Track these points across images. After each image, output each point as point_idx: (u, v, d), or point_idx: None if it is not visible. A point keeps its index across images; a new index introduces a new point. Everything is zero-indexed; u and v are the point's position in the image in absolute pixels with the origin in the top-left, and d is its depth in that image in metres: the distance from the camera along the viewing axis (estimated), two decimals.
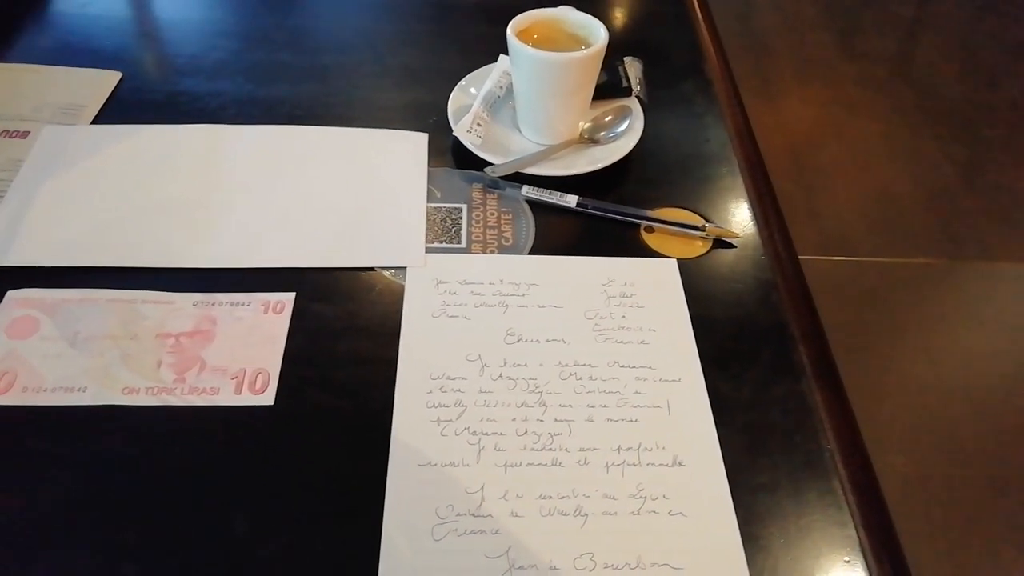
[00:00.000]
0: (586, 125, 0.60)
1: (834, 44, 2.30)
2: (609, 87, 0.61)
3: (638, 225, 0.55)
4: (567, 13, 0.57)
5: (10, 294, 0.48)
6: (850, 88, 2.13)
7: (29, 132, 0.58)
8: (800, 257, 0.55)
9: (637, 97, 0.62)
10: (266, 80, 0.65)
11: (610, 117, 0.60)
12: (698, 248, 0.54)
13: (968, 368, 1.44)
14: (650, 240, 0.54)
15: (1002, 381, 1.41)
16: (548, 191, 0.56)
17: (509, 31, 0.54)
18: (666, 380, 0.46)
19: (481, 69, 0.64)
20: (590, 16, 0.56)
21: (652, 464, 0.43)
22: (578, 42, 0.56)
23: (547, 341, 0.48)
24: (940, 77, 2.17)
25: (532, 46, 0.53)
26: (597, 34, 0.55)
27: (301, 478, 0.41)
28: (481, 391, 0.45)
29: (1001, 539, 1.20)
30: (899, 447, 1.32)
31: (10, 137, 0.58)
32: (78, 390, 0.44)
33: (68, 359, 0.45)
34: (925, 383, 1.41)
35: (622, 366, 0.47)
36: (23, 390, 0.44)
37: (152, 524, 0.39)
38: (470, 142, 0.57)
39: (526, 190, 0.56)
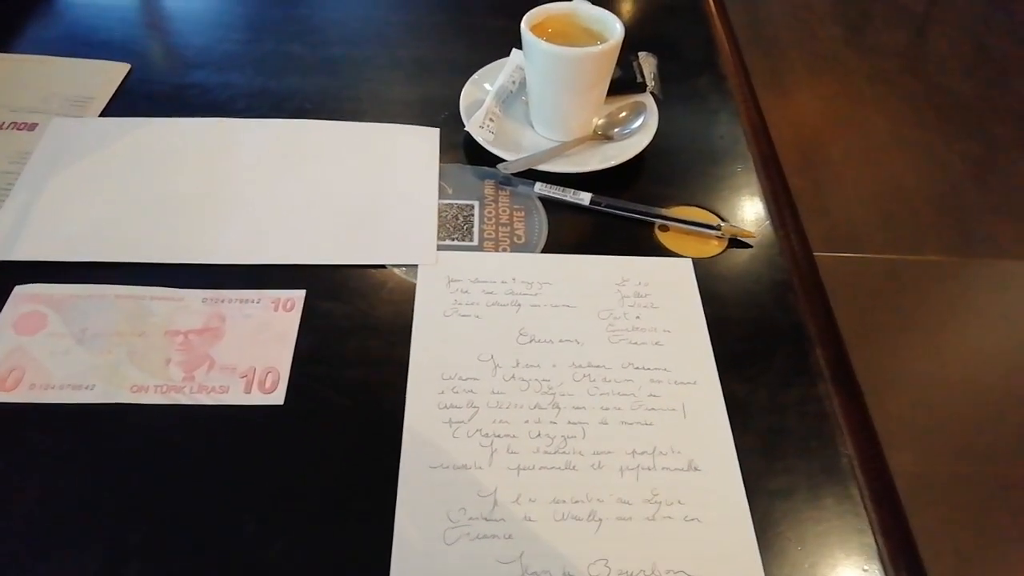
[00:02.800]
0: (600, 121, 0.59)
1: (844, 38, 2.28)
2: (623, 83, 0.60)
3: (652, 224, 0.54)
4: (582, 7, 0.56)
5: (17, 289, 0.47)
6: (860, 83, 2.11)
7: (37, 124, 0.57)
8: None
9: (651, 93, 0.61)
10: (276, 72, 0.64)
11: (624, 113, 0.59)
12: (713, 247, 0.53)
13: (977, 366, 1.43)
14: (665, 239, 0.54)
15: (1011, 379, 1.41)
16: (561, 188, 0.55)
17: (523, 25, 0.53)
18: (681, 382, 0.46)
19: (494, 63, 0.63)
20: (605, 10, 0.56)
21: (667, 468, 0.42)
22: (593, 37, 0.55)
23: (560, 341, 0.47)
24: (951, 73, 2.15)
25: (546, 40, 0.52)
26: (612, 29, 0.54)
27: (311, 479, 0.40)
28: (494, 392, 0.45)
29: (1007, 537, 1.20)
30: (907, 444, 1.31)
31: (18, 129, 0.57)
32: (86, 388, 0.43)
33: (76, 356, 0.45)
34: (933, 380, 1.40)
35: (636, 368, 0.46)
36: (31, 387, 0.43)
37: (160, 524, 0.38)
38: (482, 138, 0.56)
39: (539, 187, 0.55)
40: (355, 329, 0.47)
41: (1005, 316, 1.52)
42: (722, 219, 0.55)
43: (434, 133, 0.59)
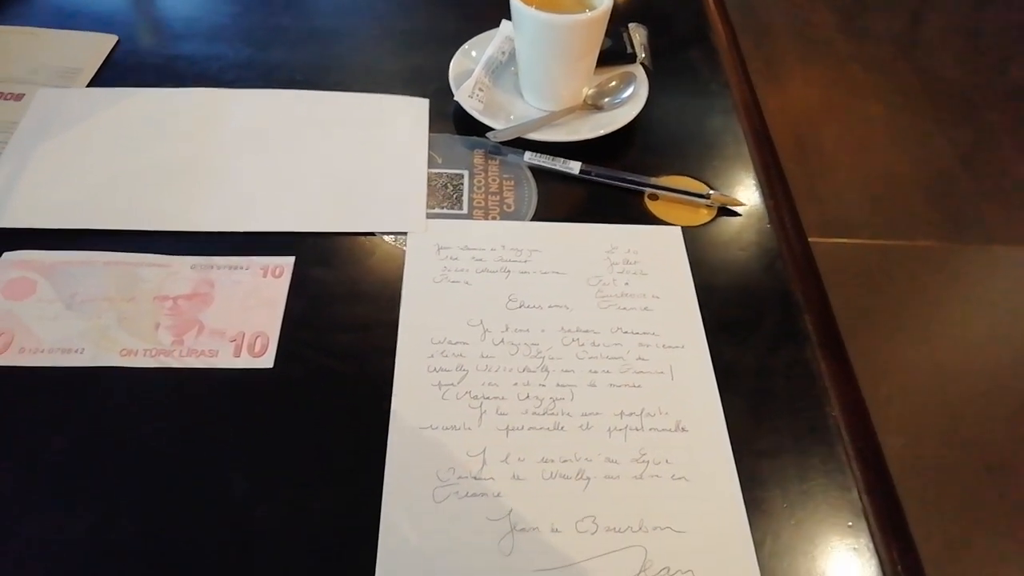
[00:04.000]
0: (590, 91, 0.59)
1: (837, 25, 2.28)
2: (613, 53, 0.60)
3: (642, 192, 0.55)
4: None
5: (6, 255, 0.47)
6: (853, 70, 2.11)
7: (24, 95, 0.57)
8: None
9: (642, 64, 0.61)
10: (265, 44, 0.64)
11: (614, 83, 0.59)
12: (703, 216, 0.53)
13: (966, 351, 1.44)
14: (654, 208, 0.54)
15: (1000, 365, 1.41)
16: (551, 157, 0.55)
17: None
18: (669, 346, 0.46)
19: (483, 34, 0.63)
20: None
21: (655, 429, 0.42)
22: (582, 5, 0.55)
23: (549, 307, 0.48)
24: (944, 60, 2.15)
25: (536, 8, 0.52)
26: None
27: (301, 440, 0.41)
28: (483, 356, 0.45)
29: (994, 521, 1.21)
30: (896, 428, 1.32)
31: (4, 99, 0.57)
32: (76, 351, 0.43)
33: (65, 321, 0.45)
34: (923, 366, 1.41)
35: (625, 332, 0.47)
36: (20, 351, 0.43)
37: (150, 484, 0.39)
38: (472, 107, 0.56)
39: (528, 156, 0.55)
40: (345, 295, 0.47)
41: (994, 302, 1.53)
42: (711, 188, 0.55)
43: (423, 103, 0.59)
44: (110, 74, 0.60)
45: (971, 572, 1.16)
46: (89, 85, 0.59)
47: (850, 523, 0.39)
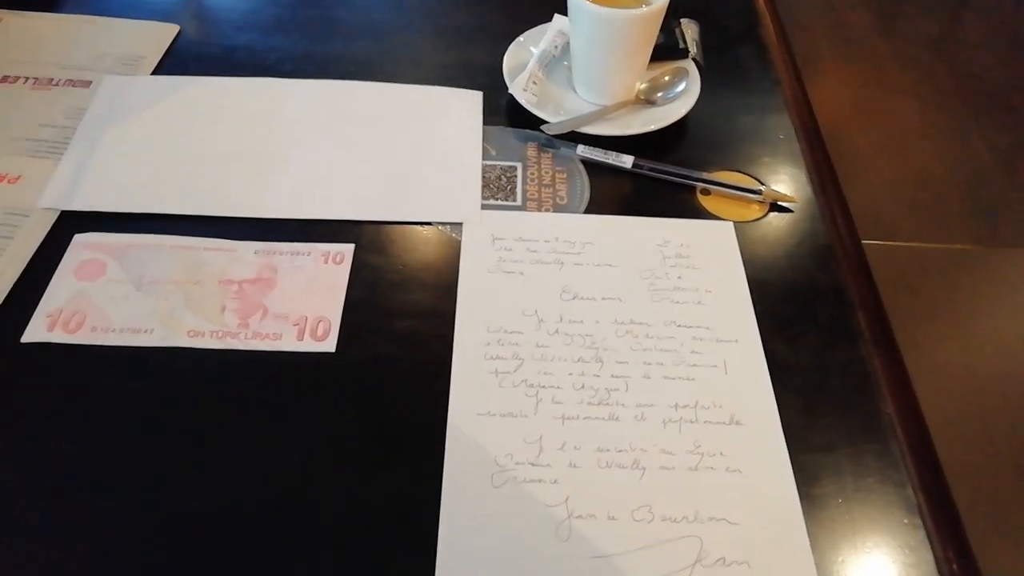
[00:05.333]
0: (642, 86, 0.59)
1: (874, 24, 2.25)
2: (665, 49, 0.61)
3: (694, 187, 0.55)
4: None
5: (77, 237, 0.49)
6: (889, 69, 2.09)
7: (91, 82, 0.59)
8: None
9: (694, 59, 0.61)
10: (321, 37, 0.65)
11: (667, 78, 0.59)
12: (754, 212, 0.54)
13: (1000, 356, 1.42)
14: (706, 203, 0.54)
15: None
16: (603, 151, 0.55)
17: None
18: (723, 340, 0.46)
19: (536, 28, 0.63)
20: None
21: (709, 422, 0.43)
22: (638, 0, 0.55)
23: (603, 299, 0.48)
24: (981, 60, 2.12)
25: (593, 3, 0.53)
26: None
27: (363, 422, 0.42)
28: (538, 345, 0.46)
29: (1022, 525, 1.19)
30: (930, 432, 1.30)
31: (73, 86, 0.58)
32: (145, 331, 0.45)
33: (134, 302, 0.46)
34: (957, 370, 1.39)
35: (678, 325, 0.47)
36: (92, 330, 0.45)
37: (216, 460, 0.40)
38: (525, 100, 0.57)
39: (581, 149, 0.56)
40: (403, 282, 0.48)
41: None
42: (763, 184, 0.55)
43: (477, 96, 0.60)
44: (172, 63, 0.62)
45: (1002, 573, 1.15)
46: (152, 73, 0.60)
47: (905, 520, 0.39)
